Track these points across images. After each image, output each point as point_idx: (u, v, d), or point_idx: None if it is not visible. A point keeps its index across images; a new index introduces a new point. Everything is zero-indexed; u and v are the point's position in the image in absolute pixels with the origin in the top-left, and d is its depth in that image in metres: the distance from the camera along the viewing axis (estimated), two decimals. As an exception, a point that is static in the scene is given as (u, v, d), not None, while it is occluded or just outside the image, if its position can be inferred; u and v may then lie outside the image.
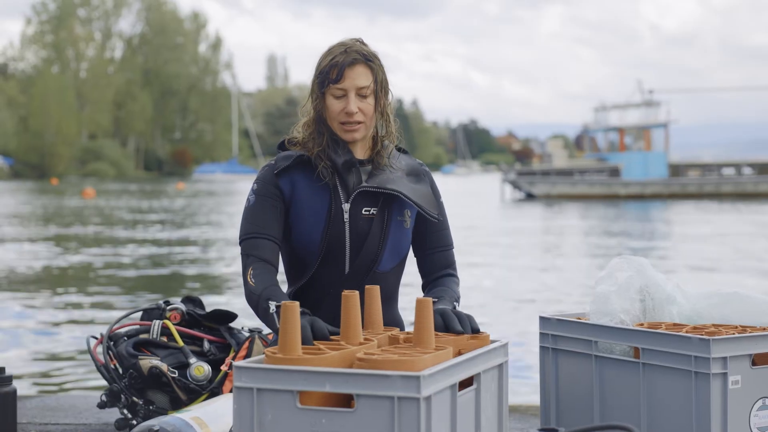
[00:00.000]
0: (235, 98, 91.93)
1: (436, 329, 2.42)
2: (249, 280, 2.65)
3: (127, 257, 15.91)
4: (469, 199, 41.12)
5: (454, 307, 2.69)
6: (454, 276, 2.88)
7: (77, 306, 10.45)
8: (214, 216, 28.14)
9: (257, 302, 2.61)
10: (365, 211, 2.74)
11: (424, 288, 2.88)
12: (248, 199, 2.75)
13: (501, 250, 17.45)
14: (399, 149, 2.89)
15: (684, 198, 40.17)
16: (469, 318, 2.46)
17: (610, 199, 40.35)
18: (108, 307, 10.35)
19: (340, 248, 2.73)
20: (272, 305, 2.56)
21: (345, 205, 2.73)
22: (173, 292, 11.70)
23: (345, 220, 2.72)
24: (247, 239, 2.71)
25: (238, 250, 2.83)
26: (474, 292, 11.39)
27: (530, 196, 42.10)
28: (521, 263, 15.06)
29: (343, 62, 2.68)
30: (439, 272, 2.87)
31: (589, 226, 24.41)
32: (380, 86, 2.75)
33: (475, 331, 2.43)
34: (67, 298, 11.02)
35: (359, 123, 2.71)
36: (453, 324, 2.43)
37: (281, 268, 2.84)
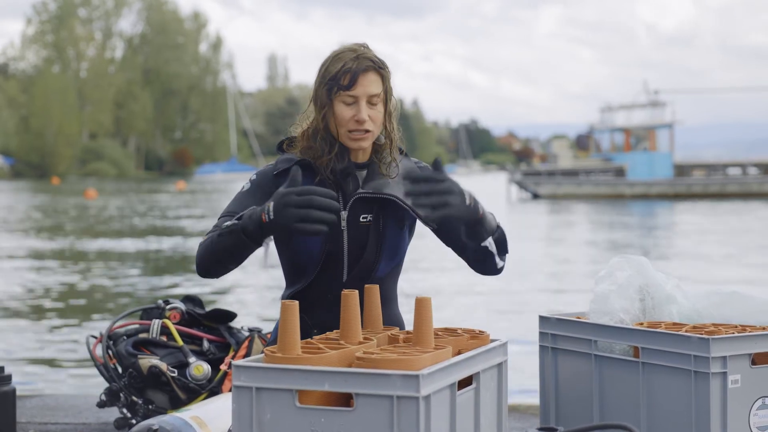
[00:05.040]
0: (231, 98, 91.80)
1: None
2: (202, 240, 2.59)
3: (128, 256, 15.91)
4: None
5: (499, 231, 2.64)
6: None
7: (77, 305, 10.45)
8: (214, 215, 28.16)
9: (210, 240, 2.53)
10: (363, 218, 2.70)
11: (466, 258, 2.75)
12: (243, 185, 2.74)
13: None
14: (399, 151, 2.86)
15: (689, 198, 40.19)
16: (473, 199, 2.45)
17: (616, 199, 40.36)
18: (108, 306, 10.35)
19: (338, 256, 2.70)
20: (227, 221, 2.50)
21: (343, 213, 2.68)
22: (173, 291, 11.69)
23: (342, 227, 2.70)
24: (224, 216, 2.65)
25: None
26: (476, 290, 11.39)
27: (537, 197, 42.14)
28: (526, 262, 15.05)
29: (356, 69, 2.62)
30: None
31: (593, 226, 24.40)
32: (388, 94, 2.70)
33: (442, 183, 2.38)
34: (67, 297, 11.01)
35: (368, 131, 2.66)
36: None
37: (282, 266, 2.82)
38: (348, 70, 2.62)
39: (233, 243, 2.49)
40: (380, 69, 2.66)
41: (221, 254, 2.53)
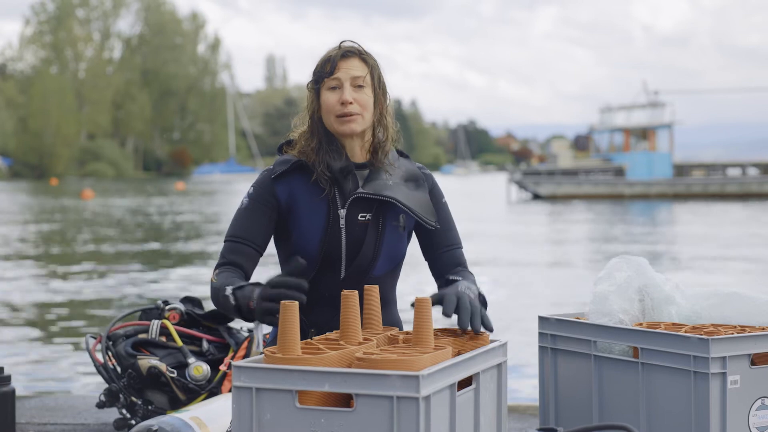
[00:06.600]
0: (230, 99, 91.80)
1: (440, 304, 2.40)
2: (213, 279, 2.64)
3: (127, 257, 15.91)
4: (475, 199, 41.17)
5: (480, 298, 2.63)
6: (469, 272, 2.83)
7: (76, 305, 10.44)
8: (212, 215, 28.15)
9: (217, 295, 2.60)
10: (361, 217, 2.72)
11: (439, 288, 2.82)
12: (242, 200, 2.74)
13: (504, 249, 17.45)
14: (400, 153, 2.87)
15: (689, 198, 40.22)
16: (481, 313, 2.42)
17: (615, 199, 40.39)
18: (107, 306, 10.35)
19: (336, 255, 2.71)
20: (229, 289, 2.54)
21: (341, 211, 2.70)
22: (172, 291, 11.69)
23: (341, 226, 2.71)
24: (229, 241, 2.70)
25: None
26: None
27: (537, 197, 42.17)
28: (526, 263, 15.06)
29: (335, 55, 2.70)
30: (452, 269, 2.82)
31: (593, 226, 24.42)
32: (378, 83, 2.74)
33: (477, 330, 2.39)
34: (65, 298, 11.01)
35: (356, 114, 2.69)
36: (452, 310, 2.40)
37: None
38: (329, 59, 2.71)
39: (231, 311, 2.56)
40: (362, 55, 2.72)
41: (226, 311, 2.60)
